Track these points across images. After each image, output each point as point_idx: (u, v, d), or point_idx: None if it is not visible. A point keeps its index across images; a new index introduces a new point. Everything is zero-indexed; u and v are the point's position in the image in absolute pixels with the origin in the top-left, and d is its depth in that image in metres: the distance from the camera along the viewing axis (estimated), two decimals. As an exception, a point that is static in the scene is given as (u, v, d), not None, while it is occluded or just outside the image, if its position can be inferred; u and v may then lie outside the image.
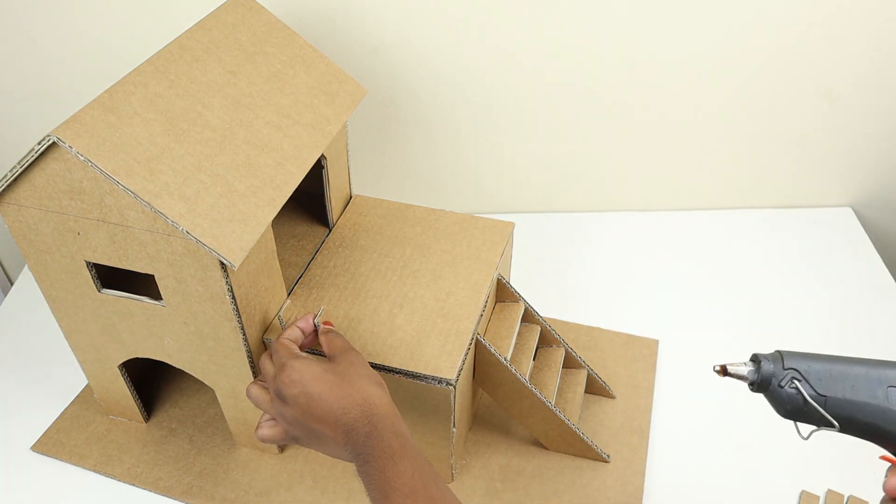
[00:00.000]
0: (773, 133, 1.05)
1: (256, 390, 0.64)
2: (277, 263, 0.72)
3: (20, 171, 0.59)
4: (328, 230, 0.85)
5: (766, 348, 0.94)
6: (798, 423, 0.51)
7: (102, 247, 0.64)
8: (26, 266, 1.06)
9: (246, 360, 0.70)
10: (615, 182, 1.12)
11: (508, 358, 0.75)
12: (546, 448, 0.82)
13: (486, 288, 0.76)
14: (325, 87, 0.77)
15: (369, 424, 0.56)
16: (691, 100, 1.01)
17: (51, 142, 0.56)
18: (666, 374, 0.90)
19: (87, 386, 0.90)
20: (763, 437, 0.83)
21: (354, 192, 0.91)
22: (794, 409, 0.50)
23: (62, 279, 0.69)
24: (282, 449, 0.82)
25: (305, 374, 0.59)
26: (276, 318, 0.73)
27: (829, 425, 0.50)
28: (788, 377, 0.51)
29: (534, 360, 0.83)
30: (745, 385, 0.54)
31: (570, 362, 0.86)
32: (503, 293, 0.82)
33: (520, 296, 0.81)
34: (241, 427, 0.80)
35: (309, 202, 0.87)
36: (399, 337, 0.71)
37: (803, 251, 1.07)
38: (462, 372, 0.69)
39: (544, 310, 0.85)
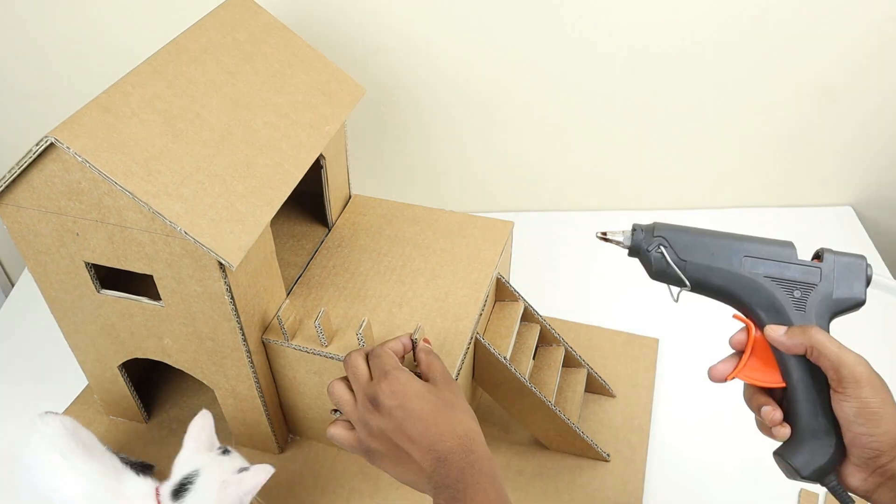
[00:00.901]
0: (773, 132, 1.05)
1: (341, 389, 0.60)
2: (276, 263, 0.72)
3: (18, 172, 0.59)
4: (327, 230, 0.85)
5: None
6: (670, 288, 0.59)
7: (101, 247, 0.64)
8: (27, 268, 1.07)
9: (245, 360, 0.70)
10: (615, 182, 1.12)
11: (508, 357, 0.75)
12: (546, 447, 0.82)
13: (486, 287, 0.76)
14: (324, 87, 0.77)
15: (466, 461, 0.53)
16: (691, 100, 1.01)
17: (49, 143, 0.56)
18: (666, 372, 0.90)
19: (88, 386, 0.90)
20: (763, 436, 0.83)
21: (353, 191, 0.91)
22: (658, 271, 0.58)
23: (61, 280, 0.69)
24: (282, 450, 0.82)
25: (409, 389, 0.56)
26: (276, 318, 0.73)
27: (683, 285, 0.57)
28: (656, 244, 0.58)
29: (533, 359, 0.83)
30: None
31: (570, 361, 0.86)
32: (502, 292, 0.82)
33: (519, 295, 0.81)
34: (241, 427, 0.80)
35: (308, 202, 0.87)
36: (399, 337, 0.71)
37: (803, 250, 1.07)
38: (461, 371, 0.69)
39: (544, 309, 0.85)
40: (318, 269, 0.80)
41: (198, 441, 0.67)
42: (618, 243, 0.59)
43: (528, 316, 0.83)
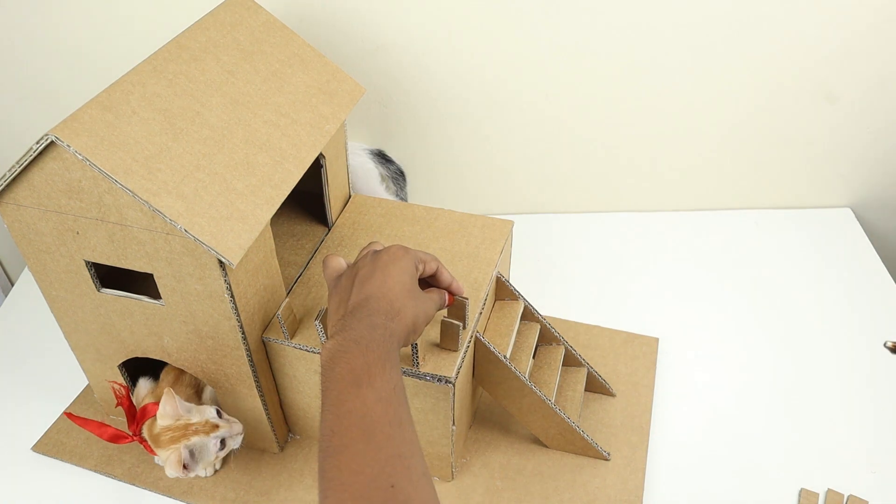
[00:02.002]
0: (773, 134, 1.05)
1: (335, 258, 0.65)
2: (276, 262, 0.72)
3: (19, 170, 0.59)
4: (327, 229, 0.85)
5: (765, 347, 0.94)
6: None
7: (101, 246, 0.64)
8: (27, 267, 1.07)
9: (245, 359, 0.70)
10: (615, 182, 1.12)
11: (508, 356, 0.75)
12: (546, 446, 0.82)
13: (486, 286, 0.76)
14: (324, 87, 0.77)
15: (381, 321, 0.55)
16: (691, 100, 1.01)
17: (49, 141, 0.56)
18: (666, 372, 0.90)
19: (88, 386, 0.90)
20: (763, 435, 0.83)
21: (353, 191, 0.91)
22: None
23: (61, 279, 0.69)
24: (282, 449, 0.82)
25: (405, 264, 0.60)
26: (276, 316, 0.73)
27: None
28: None
29: (533, 358, 0.83)
30: (745, 382, 0.55)
31: (570, 360, 0.86)
32: (502, 291, 0.82)
33: (519, 294, 0.81)
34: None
35: (308, 201, 0.87)
36: (398, 335, 0.71)
37: (803, 251, 1.07)
38: (461, 370, 0.69)
39: (544, 308, 0.85)
40: (318, 269, 0.80)
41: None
42: None
43: (528, 315, 0.83)
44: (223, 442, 0.74)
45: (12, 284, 1.20)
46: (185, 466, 0.72)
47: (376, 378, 0.51)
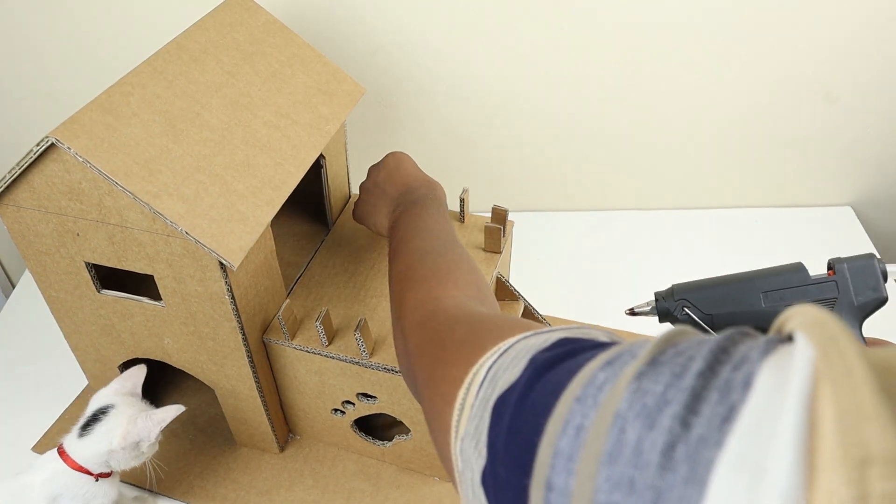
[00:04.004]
0: (773, 133, 1.05)
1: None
2: (277, 263, 0.72)
3: (19, 172, 0.59)
4: (327, 229, 0.85)
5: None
6: None
7: (101, 247, 0.64)
8: (27, 268, 1.07)
9: (246, 360, 0.70)
10: (615, 182, 1.12)
11: (508, 357, 0.75)
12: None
13: (486, 287, 0.76)
14: (324, 87, 0.77)
15: (426, 192, 0.69)
16: (692, 100, 1.01)
17: (49, 143, 0.56)
18: (666, 372, 0.90)
19: (88, 386, 0.90)
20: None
21: (354, 191, 0.91)
22: None
23: (62, 280, 0.69)
24: (282, 449, 0.82)
25: (408, 158, 0.76)
26: (276, 318, 0.73)
27: None
28: (680, 306, 0.61)
29: (533, 359, 0.83)
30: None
31: (570, 361, 0.86)
32: (502, 291, 0.82)
33: (519, 294, 0.81)
34: (241, 427, 0.80)
35: (308, 202, 0.87)
36: (398, 336, 0.71)
37: (803, 251, 1.07)
38: (461, 371, 0.69)
39: (544, 308, 0.85)
40: (319, 269, 0.80)
41: (122, 385, 0.71)
42: (646, 314, 0.64)
43: (528, 315, 0.83)
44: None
45: (13, 286, 1.20)
46: None
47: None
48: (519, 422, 0.28)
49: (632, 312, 0.65)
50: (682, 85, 1.00)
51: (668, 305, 0.62)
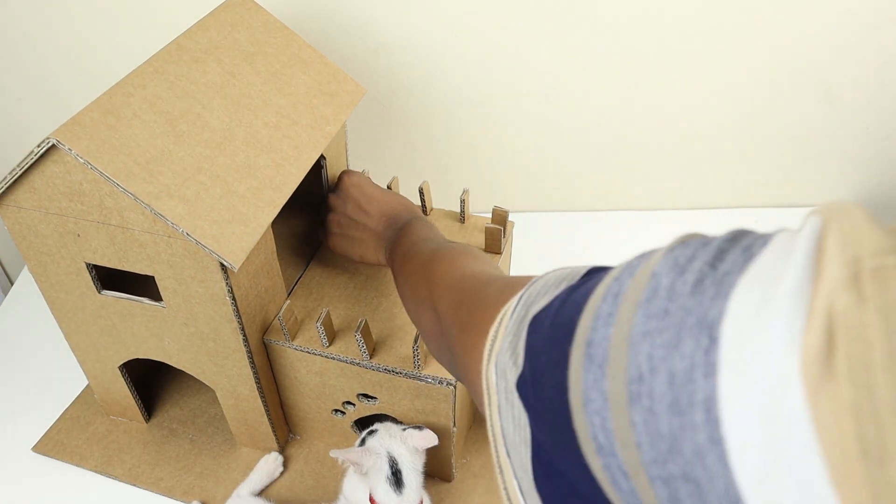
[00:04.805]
0: (773, 133, 1.05)
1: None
2: (277, 264, 0.72)
3: (20, 173, 0.59)
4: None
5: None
6: None
7: (102, 248, 0.64)
8: (26, 266, 1.06)
9: (246, 361, 0.70)
10: (615, 182, 1.12)
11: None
12: (546, 447, 0.82)
13: (486, 288, 0.76)
14: (325, 87, 0.77)
15: (409, 217, 0.70)
16: (691, 99, 1.01)
17: (50, 144, 0.56)
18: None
19: (88, 386, 0.90)
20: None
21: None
22: None
23: (62, 281, 0.69)
24: (282, 449, 0.82)
25: (364, 180, 0.78)
26: (277, 318, 0.73)
27: None
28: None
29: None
30: None
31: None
32: (503, 293, 0.82)
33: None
34: (242, 427, 0.80)
35: (309, 202, 0.87)
36: (399, 337, 0.71)
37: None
38: (462, 372, 0.69)
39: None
40: (319, 270, 0.80)
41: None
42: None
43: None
44: None
45: (11, 284, 1.20)
46: None
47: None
48: (560, 318, 0.30)
49: None
50: (683, 85, 1.00)
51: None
